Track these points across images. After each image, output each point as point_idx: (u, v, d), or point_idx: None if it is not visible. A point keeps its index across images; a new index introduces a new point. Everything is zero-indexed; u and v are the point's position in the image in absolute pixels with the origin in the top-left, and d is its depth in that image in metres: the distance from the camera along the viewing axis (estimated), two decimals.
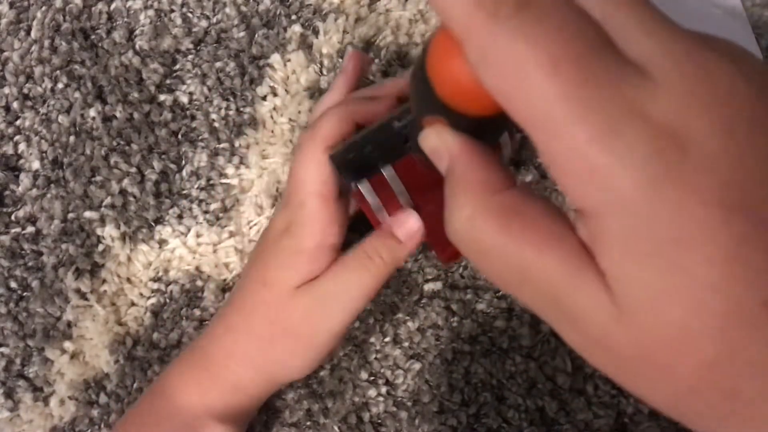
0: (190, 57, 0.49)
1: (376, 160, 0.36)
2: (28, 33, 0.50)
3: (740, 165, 0.17)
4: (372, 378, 0.47)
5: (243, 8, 0.49)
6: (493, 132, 0.25)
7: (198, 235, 0.48)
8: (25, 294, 0.48)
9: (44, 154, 0.49)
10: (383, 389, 0.46)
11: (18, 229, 0.48)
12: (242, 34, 0.49)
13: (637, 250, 0.17)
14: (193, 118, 0.49)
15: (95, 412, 0.46)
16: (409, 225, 0.37)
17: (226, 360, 0.40)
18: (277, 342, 0.39)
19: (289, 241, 0.38)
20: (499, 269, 0.20)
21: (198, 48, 0.49)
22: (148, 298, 0.48)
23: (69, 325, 0.48)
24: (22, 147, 0.49)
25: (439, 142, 0.23)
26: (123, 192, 0.48)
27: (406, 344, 0.47)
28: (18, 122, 0.49)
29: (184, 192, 0.48)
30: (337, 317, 0.38)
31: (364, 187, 0.35)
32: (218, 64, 0.49)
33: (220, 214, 0.48)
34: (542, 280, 0.19)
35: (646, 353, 0.18)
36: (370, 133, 0.36)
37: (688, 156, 0.16)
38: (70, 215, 0.48)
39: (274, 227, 0.40)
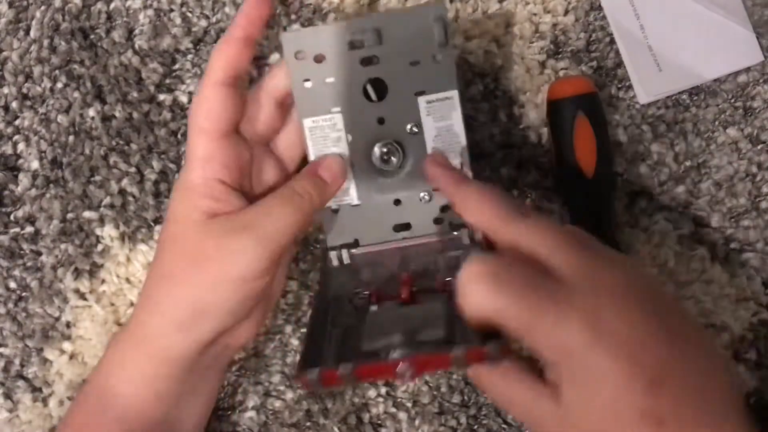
0: (189, 56, 0.49)
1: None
2: (27, 32, 0.50)
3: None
4: None
5: None
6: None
7: None
8: (23, 294, 0.48)
9: (43, 154, 0.49)
10: (383, 390, 0.46)
11: (17, 229, 0.48)
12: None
13: (576, 382, 0.30)
14: None
15: None
16: (334, 167, 0.39)
17: (145, 316, 0.38)
18: (186, 276, 0.37)
19: (181, 176, 0.39)
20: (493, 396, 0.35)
21: (197, 47, 0.49)
22: None
23: (68, 325, 0.48)
24: (21, 147, 0.49)
25: None
26: (122, 192, 0.48)
27: None
28: (17, 122, 0.49)
29: None
30: (255, 249, 0.36)
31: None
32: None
33: None
34: (520, 399, 0.33)
35: None
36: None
37: (607, 338, 0.30)
38: (69, 215, 0.48)
39: None
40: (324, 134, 0.40)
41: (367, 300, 0.38)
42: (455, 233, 0.40)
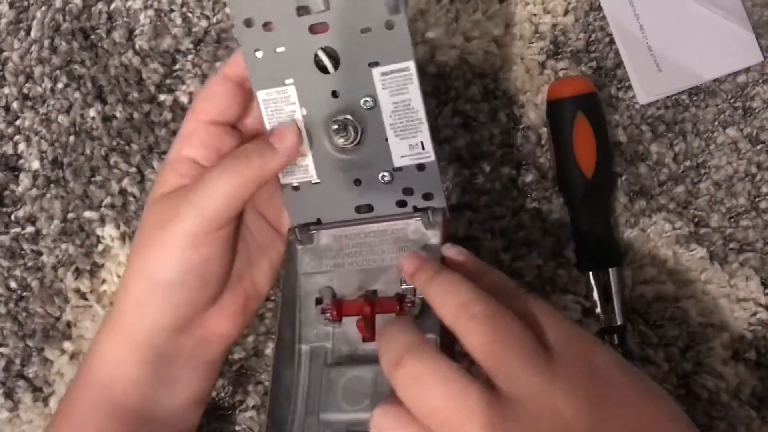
0: (190, 57, 0.49)
1: None
2: (27, 33, 0.50)
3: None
4: None
5: None
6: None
7: None
8: (24, 294, 0.48)
9: (44, 154, 0.49)
10: None
11: (18, 229, 0.48)
12: None
13: None
14: None
15: None
16: (286, 135, 0.37)
17: (116, 295, 0.39)
18: (139, 250, 0.37)
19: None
20: None
21: (198, 48, 0.49)
22: None
23: (68, 325, 0.48)
24: (21, 147, 0.49)
25: None
26: (123, 192, 0.48)
27: None
28: (18, 122, 0.49)
29: None
30: (188, 215, 0.36)
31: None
32: (218, 64, 0.49)
33: None
34: None
35: None
36: None
37: None
38: (70, 215, 0.48)
39: None
40: (278, 107, 0.38)
41: (330, 319, 0.37)
42: (417, 217, 0.37)
